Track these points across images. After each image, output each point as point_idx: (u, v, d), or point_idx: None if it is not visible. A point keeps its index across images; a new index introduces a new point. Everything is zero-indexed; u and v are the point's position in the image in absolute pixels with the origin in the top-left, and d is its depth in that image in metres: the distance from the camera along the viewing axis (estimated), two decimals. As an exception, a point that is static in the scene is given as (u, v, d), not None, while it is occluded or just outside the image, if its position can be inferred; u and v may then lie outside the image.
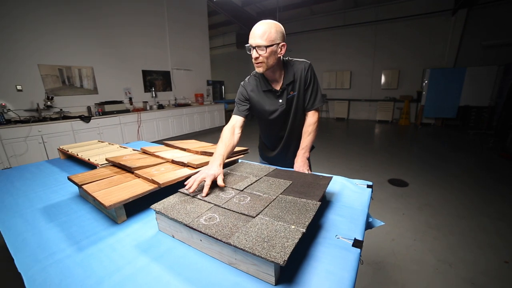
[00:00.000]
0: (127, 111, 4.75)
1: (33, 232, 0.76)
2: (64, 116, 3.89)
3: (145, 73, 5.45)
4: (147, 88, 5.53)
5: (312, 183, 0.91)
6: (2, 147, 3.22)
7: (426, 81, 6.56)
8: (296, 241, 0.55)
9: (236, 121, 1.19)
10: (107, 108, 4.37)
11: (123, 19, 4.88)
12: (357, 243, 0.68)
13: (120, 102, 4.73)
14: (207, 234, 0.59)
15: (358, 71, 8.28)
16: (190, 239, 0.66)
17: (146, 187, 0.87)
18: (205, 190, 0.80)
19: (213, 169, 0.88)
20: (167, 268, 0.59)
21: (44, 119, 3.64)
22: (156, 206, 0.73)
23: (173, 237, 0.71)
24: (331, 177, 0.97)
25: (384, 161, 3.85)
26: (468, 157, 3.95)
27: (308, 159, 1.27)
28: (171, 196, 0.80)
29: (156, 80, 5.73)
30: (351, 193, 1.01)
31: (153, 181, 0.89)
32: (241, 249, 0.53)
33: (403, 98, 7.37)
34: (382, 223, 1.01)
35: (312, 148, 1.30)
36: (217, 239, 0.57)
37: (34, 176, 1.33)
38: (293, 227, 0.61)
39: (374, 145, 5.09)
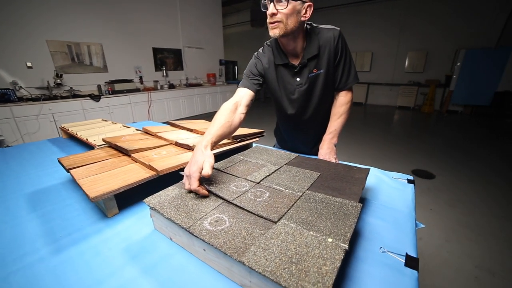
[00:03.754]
0: (137, 90, 4.64)
1: (11, 224, 0.64)
2: (74, 95, 3.84)
3: (156, 51, 5.25)
4: (158, 67, 5.36)
5: (345, 176, 0.72)
6: (16, 124, 3.23)
7: (458, 64, 5.91)
8: (338, 264, 0.38)
9: (243, 96, 0.92)
10: (117, 87, 4.27)
11: (132, -8, 4.62)
12: (411, 262, 0.51)
13: (130, 81, 4.61)
14: (212, 245, 0.43)
15: (380, 52, 7.63)
16: (191, 246, 0.51)
17: (142, 174, 0.72)
18: (202, 191, 0.59)
19: (197, 161, 0.61)
20: (160, 285, 0.44)
21: (55, 97, 3.60)
22: (151, 200, 0.58)
23: (171, 239, 0.56)
24: (368, 169, 0.78)
25: (406, 150, 3.56)
26: (504, 149, 3.56)
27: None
28: (170, 187, 0.64)
29: (167, 59, 5.53)
30: (390, 190, 0.82)
31: (150, 167, 0.74)
32: (261, 273, 0.37)
33: (429, 82, 6.75)
34: (422, 226, 0.82)
35: None
36: (225, 253, 0.41)
37: (32, 155, 1.23)
38: (330, 240, 0.44)
39: (394, 133, 4.75)
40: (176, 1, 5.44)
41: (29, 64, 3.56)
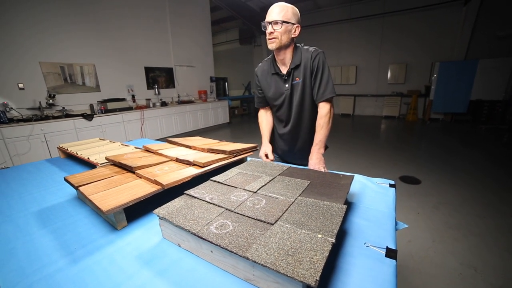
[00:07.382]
0: (130, 108, 4.69)
1: (24, 240, 0.69)
2: (66, 115, 3.84)
3: (148, 70, 5.37)
4: (150, 85, 5.46)
5: (332, 183, 0.81)
6: (5, 146, 3.18)
7: (435, 75, 6.35)
8: (327, 254, 0.46)
9: (265, 107, 1.38)
10: (110, 105, 4.31)
11: (124, 14, 4.80)
12: (390, 253, 0.59)
13: (123, 99, 4.67)
14: (219, 246, 0.50)
15: (364, 66, 8.08)
16: (199, 249, 0.58)
17: (149, 188, 0.78)
18: (271, 157, 1.22)
19: (268, 147, 1.26)
20: (173, 285, 0.50)
21: (47, 118, 3.59)
22: (160, 211, 0.64)
23: (179, 246, 0.62)
24: (353, 176, 0.87)
25: (393, 158, 3.72)
26: (482, 154, 3.79)
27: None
28: (176, 199, 0.71)
29: (159, 77, 5.65)
30: (373, 194, 0.91)
31: (156, 182, 0.81)
32: (262, 265, 0.44)
33: (410, 93, 7.16)
34: (406, 226, 0.91)
35: (325, 147, 1.20)
36: (231, 251, 0.48)
37: (32, 176, 1.26)
38: (319, 236, 0.52)
39: (381, 142, 4.95)
40: (167, 22, 5.67)
41: (21, 85, 3.57)
